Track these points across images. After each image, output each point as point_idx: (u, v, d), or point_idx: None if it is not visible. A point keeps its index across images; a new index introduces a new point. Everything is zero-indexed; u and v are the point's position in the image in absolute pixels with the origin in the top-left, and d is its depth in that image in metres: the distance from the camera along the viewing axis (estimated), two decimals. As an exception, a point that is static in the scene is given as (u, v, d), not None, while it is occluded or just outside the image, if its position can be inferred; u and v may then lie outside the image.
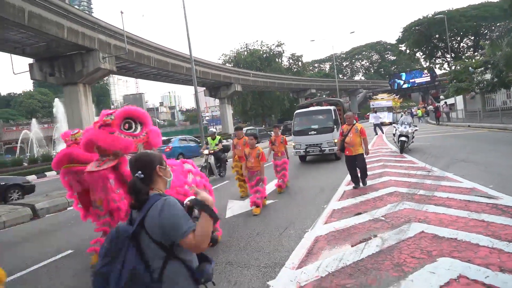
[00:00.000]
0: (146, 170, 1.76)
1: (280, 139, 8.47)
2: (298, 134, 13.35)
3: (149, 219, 1.62)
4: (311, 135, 12.91)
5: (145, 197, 1.69)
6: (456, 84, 26.38)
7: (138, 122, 3.86)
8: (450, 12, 48.14)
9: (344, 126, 7.75)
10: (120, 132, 3.68)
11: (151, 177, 1.77)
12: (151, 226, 1.61)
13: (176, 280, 1.63)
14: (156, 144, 3.98)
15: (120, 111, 3.79)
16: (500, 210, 4.88)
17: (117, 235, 1.62)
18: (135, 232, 1.62)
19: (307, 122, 13.52)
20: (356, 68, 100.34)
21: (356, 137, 7.39)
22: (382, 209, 5.61)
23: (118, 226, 1.69)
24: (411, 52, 58.79)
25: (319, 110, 13.91)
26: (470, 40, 54.54)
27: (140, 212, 1.67)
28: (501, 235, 3.97)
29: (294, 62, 71.41)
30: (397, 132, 12.96)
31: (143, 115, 3.89)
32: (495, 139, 13.76)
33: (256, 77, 51.02)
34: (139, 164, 1.79)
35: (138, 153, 1.92)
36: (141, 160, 1.80)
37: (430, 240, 4.12)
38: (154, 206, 1.64)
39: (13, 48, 22.14)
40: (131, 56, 27.00)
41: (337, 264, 3.80)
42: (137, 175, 1.73)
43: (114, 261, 1.58)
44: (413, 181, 7.39)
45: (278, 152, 8.46)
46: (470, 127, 21.06)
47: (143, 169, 1.75)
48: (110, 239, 1.62)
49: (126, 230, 1.64)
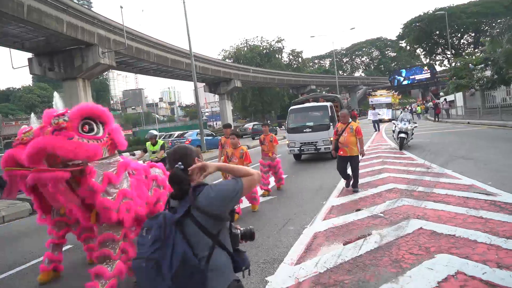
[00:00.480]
0: (186, 161, 1.82)
1: (270, 138, 7.92)
2: (292, 132, 12.78)
3: (198, 203, 1.69)
4: (306, 133, 12.30)
5: (188, 186, 1.75)
6: (456, 81, 26.35)
7: (99, 122, 3.24)
8: (451, 8, 47.96)
9: (338, 125, 7.35)
10: (80, 137, 3.03)
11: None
12: (202, 208, 1.68)
13: (222, 268, 1.71)
14: (121, 144, 3.41)
15: (75, 111, 3.11)
16: (499, 207, 4.90)
17: (164, 221, 1.64)
18: (180, 221, 1.66)
19: (302, 119, 12.94)
20: (356, 65, 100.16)
21: (351, 136, 6.94)
22: (381, 206, 5.63)
23: (164, 212, 1.70)
24: (412, 49, 58.67)
25: (314, 107, 13.24)
26: (470, 36, 54.39)
27: (184, 201, 1.72)
28: (499, 232, 3.99)
29: (294, 58, 71.22)
30: (396, 129, 12.96)
31: (103, 113, 3.27)
32: (494, 136, 13.77)
33: (256, 73, 50.88)
34: (178, 155, 1.86)
35: (176, 146, 1.99)
36: (180, 152, 1.88)
37: (428, 236, 4.14)
38: (202, 192, 1.72)
39: (12, 43, 22.04)
40: (130, 51, 26.89)
41: (336, 260, 3.81)
42: (177, 166, 1.78)
43: (164, 246, 1.59)
44: (412, 178, 7.40)
45: (268, 152, 7.90)
46: (470, 124, 21.07)
47: (183, 160, 1.82)
48: (159, 225, 1.63)
49: (172, 217, 1.66)
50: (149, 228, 1.67)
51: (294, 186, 8.36)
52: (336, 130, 7.36)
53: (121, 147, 3.43)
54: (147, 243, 1.62)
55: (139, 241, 1.67)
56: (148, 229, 1.67)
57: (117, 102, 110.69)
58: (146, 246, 1.62)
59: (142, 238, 1.67)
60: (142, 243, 1.65)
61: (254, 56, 60.53)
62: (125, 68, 33.90)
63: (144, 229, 1.69)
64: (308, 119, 12.78)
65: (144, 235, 1.67)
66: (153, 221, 1.68)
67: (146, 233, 1.66)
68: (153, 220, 1.69)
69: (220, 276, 1.69)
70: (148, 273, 1.56)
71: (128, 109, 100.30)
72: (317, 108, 13.08)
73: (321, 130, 12.10)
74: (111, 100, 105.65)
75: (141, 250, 1.63)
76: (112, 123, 3.39)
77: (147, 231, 1.67)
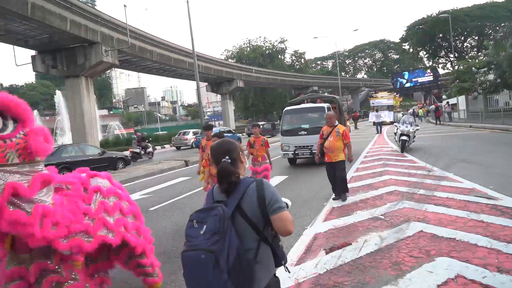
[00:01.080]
0: (233, 155, 1.85)
1: (261, 141, 7.05)
2: (286, 134, 11.94)
3: (248, 197, 1.73)
4: (301, 136, 11.46)
5: (237, 180, 1.77)
6: (459, 84, 26.33)
7: (9, 117, 2.45)
8: (455, 11, 47.90)
9: (324, 128, 6.75)
10: None
11: (236, 162, 1.86)
12: (251, 203, 1.72)
13: (267, 262, 1.77)
14: (39, 150, 2.50)
15: None
16: (500, 211, 4.89)
17: (224, 214, 1.65)
18: (232, 215, 1.69)
19: (297, 120, 12.10)
20: (359, 66, 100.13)
21: (337, 141, 6.37)
22: (381, 208, 5.63)
23: (221, 205, 1.69)
24: (415, 51, 58.69)
25: (311, 108, 12.20)
26: (474, 40, 54.31)
27: (233, 195, 1.74)
28: (500, 236, 3.98)
29: (296, 59, 71.26)
30: (398, 131, 12.95)
31: (17, 106, 2.46)
32: (496, 140, 13.73)
33: (258, 73, 50.90)
34: (225, 149, 1.87)
35: (221, 140, 1.97)
36: (227, 147, 1.89)
37: (428, 239, 4.14)
38: (251, 186, 1.75)
39: (16, 40, 22.12)
40: (133, 50, 26.95)
41: (336, 261, 3.81)
42: (225, 160, 1.80)
43: (222, 239, 1.60)
44: (413, 181, 7.39)
45: (258, 157, 7.04)
46: (472, 127, 21.01)
47: (230, 154, 1.84)
48: (219, 218, 1.63)
49: (228, 211, 1.68)
50: (200, 220, 1.66)
51: (294, 187, 8.36)
52: (321, 134, 6.77)
53: (39, 154, 2.55)
54: (200, 235, 1.61)
55: (189, 233, 1.67)
56: (199, 222, 1.66)
57: (119, 101, 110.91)
58: (200, 238, 1.60)
59: (193, 230, 1.66)
60: (194, 235, 1.63)
61: (256, 56, 60.62)
62: (128, 66, 33.99)
63: (194, 221, 1.68)
64: (304, 121, 11.83)
65: (195, 227, 1.66)
66: (205, 213, 1.68)
67: (197, 225, 1.66)
68: (205, 212, 1.69)
69: (265, 270, 1.75)
70: (206, 265, 1.55)
71: (130, 108, 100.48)
72: (314, 109, 12.06)
73: (317, 133, 10.37)
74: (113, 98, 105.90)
75: (193, 242, 1.62)
76: (32, 122, 2.60)
77: (198, 223, 1.66)
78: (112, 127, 47.31)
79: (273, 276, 1.82)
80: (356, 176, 8.68)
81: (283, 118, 12.47)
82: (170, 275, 3.92)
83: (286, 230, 1.73)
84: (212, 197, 1.84)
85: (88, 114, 24.33)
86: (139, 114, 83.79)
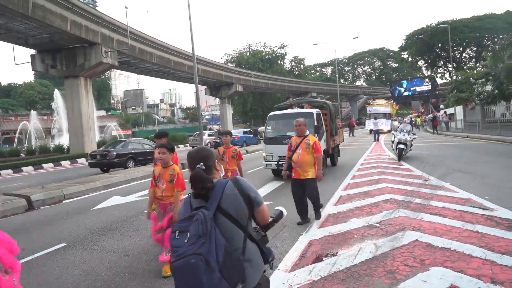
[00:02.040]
0: (208, 162, 1.91)
1: (232, 152, 6.10)
2: (270, 142, 10.76)
3: (227, 197, 1.77)
4: (285, 145, 9.30)
5: (211, 184, 1.80)
6: (457, 94, 26.48)
7: None
8: (454, 22, 48.29)
9: (293, 138, 5.85)
10: None
11: (211, 169, 1.92)
12: (232, 201, 1.78)
13: (255, 259, 1.82)
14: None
15: None
16: (495, 222, 4.90)
17: (205, 217, 1.66)
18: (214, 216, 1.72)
19: (282, 127, 10.89)
20: (358, 74, 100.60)
21: (306, 154, 5.49)
22: (377, 216, 5.63)
23: (201, 210, 1.71)
24: (413, 60, 59.00)
25: (298, 113, 10.45)
26: (472, 51, 54.72)
27: (211, 198, 1.78)
28: (494, 247, 3.99)
29: (296, 65, 71.62)
30: (395, 140, 12.99)
31: None
32: (492, 151, 13.80)
33: (257, 78, 51.06)
34: (201, 156, 1.93)
35: (198, 147, 2.05)
36: (203, 153, 1.96)
37: (423, 248, 4.14)
38: (228, 186, 1.80)
39: (16, 39, 22.13)
40: (133, 51, 27.00)
41: (330, 268, 3.80)
42: (199, 166, 1.84)
43: (208, 241, 1.61)
44: (409, 189, 7.41)
45: (227, 171, 6.00)
46: (469, 137, 21.11)
47: (205, 161, 1.90)
48: (200, 221, 1.65)
49: (209, 213, 1.70)
50: (183, 230, 1.67)
51: (290, 192, 8.32)
52: (289, 145, 5.88)
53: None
54: (185, 244, 1.62)
55: (174, 244, 1.67)
56: (181, 232, 1.67)
57: (117, 102, 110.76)
58: (186, 246, 1.61)
59: (176, 241, 1.67)
60: (179, 245, 1.64)
61: (256, 61, 60.83)
62: (127, 68, 34.03)
63: (176, 232, 1.69)
64: (290, 128, 9.94)
65: (177, 238, 1.67)
66: (187, 222, 1.69)
67: (179, 236, 1.67)
68: (186, 221, 1.70)
69: (254, 267, 1.79)
70: (198, 268, 1.56)
71: (129, 109, 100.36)
72: (301, 115, 9.98)
73: None
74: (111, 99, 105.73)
75: (179, 251, 1.62)
76: None
77: (180, 233, 1.67)
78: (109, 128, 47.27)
79: (264, 274, 1.85)
80: (352, 183, 8.69)
81: (266, 124, 11.35)
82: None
83: (266, 219, 1.94)
84: (190, 205, 1.84)
85: (86, 114, 24.29)
86: (137, 116, 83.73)
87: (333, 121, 12.22)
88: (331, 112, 12.22)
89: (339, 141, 13.66)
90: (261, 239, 1.91)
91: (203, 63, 38.53)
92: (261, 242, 1.90)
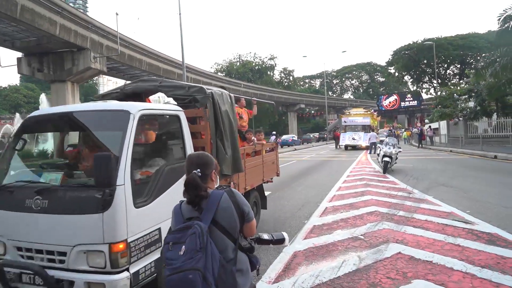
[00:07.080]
0: (205, 170, 1.85)
1: None
2: None
3: (222, 210, 1.75)
4: None
5: (205, 193, 1.77)
6: (441, 110, 27.10)
7: None
8: (439, 39, 49.61)
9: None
10: None
11: (207, 178, 1.86)
12: (228, 215, 1.77)
13: (246, 269, 1.85)
14: None
15: None
16: (476, 235, 4.99)
17: (201, 230, 1.64)
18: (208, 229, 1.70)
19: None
20: (346, 87, 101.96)
21: None
22: (361, 228, 5.66)
23: (197, 222, 1.69)
24: (400, 75, 60.26)
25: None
26: (456, 68, 56.19)
27: (207, 210, 1.74)
28: (474, 260, 4.05)
29: (285, 76, 72.26)
30: (381, 152, 13.16)
31: None
32: (475, 165, 14.10)
33: (247, 88, 51.25)
34: (201, 161, 1.88)
35: (198, 152, 2.03)
36: (204, 159, 1.90)
37: (406, 261, 4.17)
38: (223, 199, 1.78)
39: (3, 41, 21.75)
40: (123, 58, 26.81)
41: (314, 280, 3.79)
42: (195, 172, 1.78)
43: (205, 255, 1.61)
44: (393, 202, 7.49)
45: None
46: (452, 152, 21.55)
47: (203, 167, 1.84)
48: (198, 235, 1.62)
49: (204, 226, 1.68)
50: (177, 241, 1.65)
51: (276, 203, 8.33)
52: None
53: None
54: (180, 256, 1.60)
55: (168, 256, 1.64)
56: (176, 243, 1.65)
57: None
58: (182, 259, 1.59)
59: (171, 253, 1.64)
60: (174, 258, 1.61)
61: (246, 71, 61.17)
62: (116, 74, 33.73)
63: (170, 244, 1.66)
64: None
65: (171, 250, 1.64)
66: (181, 233, 1.66)
67: (173, 248, 1.64)
68: (180, 232, 1.67)
69: (245, 275, 1.82)
70: (195, 284, 1.55)
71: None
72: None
73: None
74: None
75: (175, 265, 1.60)
76: None
77: (174, 245, 1.64)
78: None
79: (252, 283, 1.90)
80: (338, 195, 8.74)
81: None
82: None
83: (253, 233, 1.96)
84: (181, 214, 1.79)
85: (72, 119, 23.89)
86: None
87: (218, 127, 4.57)
88: (219, 111, 4.62)
89: (264, 177, 6.44)
90: (249, 248, 1.93)
91: (193, 71, 38.53)
92: (249, 251, 1.92)
